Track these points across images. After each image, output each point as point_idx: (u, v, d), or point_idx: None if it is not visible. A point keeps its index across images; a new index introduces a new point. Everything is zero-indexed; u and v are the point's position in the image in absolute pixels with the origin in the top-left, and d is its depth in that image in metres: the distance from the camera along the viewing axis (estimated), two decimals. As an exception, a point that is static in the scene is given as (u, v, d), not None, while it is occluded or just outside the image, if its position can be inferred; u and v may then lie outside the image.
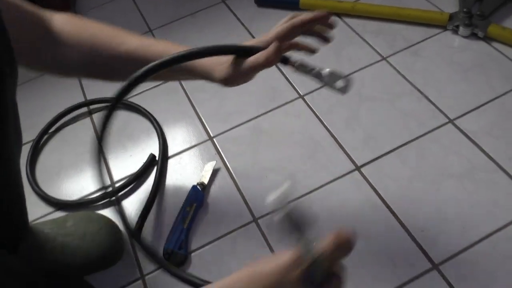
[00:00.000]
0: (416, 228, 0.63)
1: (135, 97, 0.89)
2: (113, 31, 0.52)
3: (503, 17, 0.90)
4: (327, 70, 0.46)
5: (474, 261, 0.59)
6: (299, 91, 0.84)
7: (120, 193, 0.74)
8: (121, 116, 0.87)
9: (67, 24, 0.52)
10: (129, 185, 0.75)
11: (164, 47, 0.49)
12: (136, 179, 0.75)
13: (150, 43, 0.50)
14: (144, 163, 0.76)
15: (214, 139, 0.80)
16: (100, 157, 0.47)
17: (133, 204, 0.73)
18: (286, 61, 0.47)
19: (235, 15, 1.03)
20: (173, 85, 0.90)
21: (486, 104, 0.77)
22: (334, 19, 0.50)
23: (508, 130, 0.73)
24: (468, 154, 0.70)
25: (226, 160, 0.76)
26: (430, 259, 0.60)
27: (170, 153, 0.79)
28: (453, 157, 0.71)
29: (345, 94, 0.46)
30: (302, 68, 0.46)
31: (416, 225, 0.64)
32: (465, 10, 0.88)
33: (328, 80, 0.46)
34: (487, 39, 0.87)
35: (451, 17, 0.90)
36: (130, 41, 0.50)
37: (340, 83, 0.45)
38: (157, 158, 0.77)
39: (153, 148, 0.80)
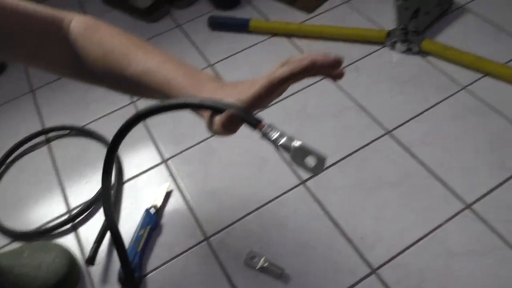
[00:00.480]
0: (356, 236, 0.68)
1: (91, 124, 0.91)
2: (125, 48, 0.49)
3: (436, 32, 0.97)
4: (298, 143, 0.38)
5: (407, 263, 0.64)
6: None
7: (76, 220, 0.76)
8: (78, 143, 0.89)
9: (83, 36, 0.51)
10: (85, 212, 0.77)
11: (165, 76, 0.45)
12: (91, 205, 0.77)
13: (154, 69, 0.46)
14: (100, 189, 0.79)
15: (168, 161, 0.83)
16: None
17: (89, 230, 0.75)
18: (253, 125, 0.39)
19: (189, 39, 1.07)
20: (129, 110, 0.93)
21: (420, 114, 0.83)
22: (333, 57, 0.38)
23: (439, 138, 0.79)
24: (403, 163, 0.76)
25: (179, 182, 0.79)
26: (369, 265, 0.65)
27: (126, 177, 0.82)
28: (390, 166, 0.76)
29: (317, 174, 0.39)
30: (267, 137, 0.39)
31: (356, 233, 0.68)
32: (401, 27, 0.95)
33: (296, 156, 0.38)
34: (422, 53, 0.94)
35: (389, 34, 0.96)
36: (138, 62, 0.47)
37: (311, 161, 0.37)
38: (112, 184, 0.79)
39: (109, 173, 0.82)
